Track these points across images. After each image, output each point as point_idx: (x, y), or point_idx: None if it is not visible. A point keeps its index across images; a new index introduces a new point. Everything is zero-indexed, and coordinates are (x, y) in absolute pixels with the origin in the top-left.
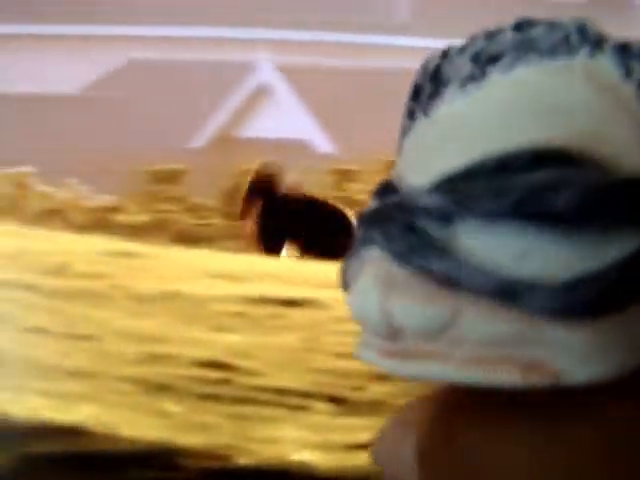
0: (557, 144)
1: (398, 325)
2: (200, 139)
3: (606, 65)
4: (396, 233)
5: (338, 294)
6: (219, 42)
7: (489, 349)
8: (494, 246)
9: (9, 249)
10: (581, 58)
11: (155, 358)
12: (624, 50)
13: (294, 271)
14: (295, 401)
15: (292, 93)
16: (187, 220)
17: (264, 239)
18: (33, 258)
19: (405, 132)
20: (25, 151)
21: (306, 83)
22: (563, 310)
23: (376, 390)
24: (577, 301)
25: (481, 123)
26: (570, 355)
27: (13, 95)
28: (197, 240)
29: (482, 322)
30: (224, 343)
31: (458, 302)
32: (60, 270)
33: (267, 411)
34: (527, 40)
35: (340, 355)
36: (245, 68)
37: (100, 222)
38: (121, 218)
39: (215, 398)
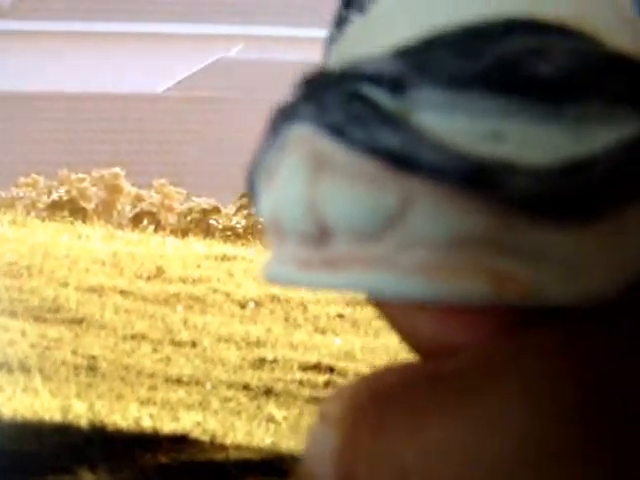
0: (537, 14)
1: (328, 220)
2: None
3: None
4: (334, 102)
5: None
6: (311, 42)
7: (448, 253)
8: (459, 122)
9: (103, 254)
10: None
11: (259, 363)
12: None
13: None
14: None
15: None
16: None
17: None
18: (128, 262)
19: (333, 41)
20: (113, 152)
21: None
22: (545, 202)
23: None
24: (564, 192)
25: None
26: (553, 267)
27: (97, 95)
28: None
29: (441, 216)
30: (328, 346)
31: (410, 189)
32: (157, 274)
33: None
34: None
35: None
36: None
37: (196, 225)
38: (219, 221)
39: (321, 401)
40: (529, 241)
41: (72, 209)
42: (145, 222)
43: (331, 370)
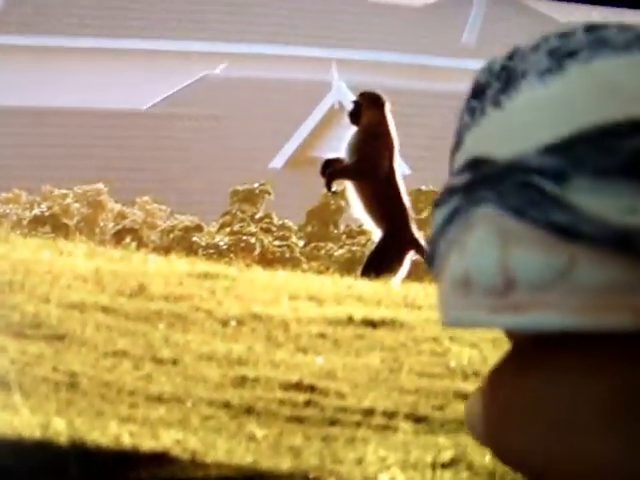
0: None
1: (514, 276)
2: (280, 159)
3: None
4: (511, 190)
5: (420, 314)
6: (294, 61)
7: (603, 296)
8: (605, 201)
9: (85, 270)
10: None
11: (240, 381)
12: None
13: (376, 292)
14: (380, 421)
15: None
16: (269, 241)
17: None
18: (110, 279)
19: (467, 128)
20: (97, 168)
21: None
22: None
23: (458, 408)
24: None
25: (574, 100)
26: None
27: (83, 111)
28: (279, 261)
29: (597, 269)
30: (309, 365)
31: (575, 251)
32: (139, 292)
33: (353, 432)
34: (601, 38)
35: (422, 374)
36: (321, 88)
37: (179, 242)
38: (201, 239)
39: (301, 420)
40: None
41: (54, 225)
42: (128, 239)
43: (312, 389)
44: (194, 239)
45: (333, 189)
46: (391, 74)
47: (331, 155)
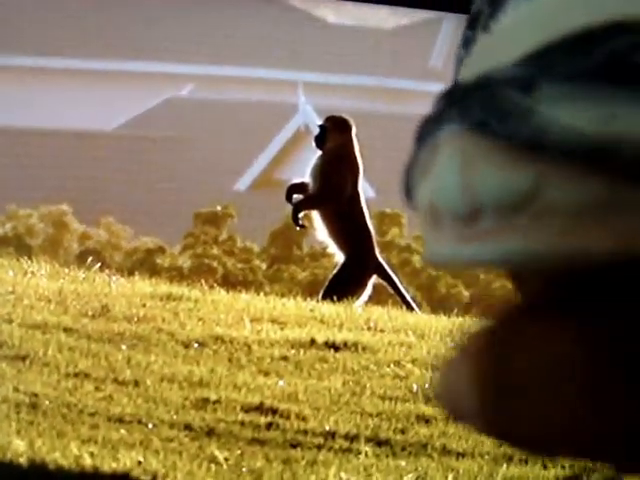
0: (634, 16)
1: (479, 199)
2: (244, 181)
3: None
4: (476, 105)
5: (382, 337)
6: (261, 83)
7: (578, 218)
8: (579, 110)
9: (48, 291)
10: None
11: (202, 403)
12: None
13: (339, 315)
14: (341, 444)
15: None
16: (232, 263)
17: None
18: (73, 300)
19: (461, 61)
20: (61, 189)
21: None
22: None
23: (421, 432)
24: None
25: (556, 6)
26: None
27: (48, 131)
28: (242, 284)
29: (570, 188)
30: (271, 387)
31: (543, 168)
32: (101, 313)
33: (314, 455)
34: None
35: (385, 397)
36: (287, 110)
37: (142, 264)
38: (164, 261)
39: (263, 443)
40: None
41: (18, 245)
42: (90, 259)
43: (273, 412)
44: (157, 261)
45: (300, 222)
46: (358, 97)
47: (296, 178)
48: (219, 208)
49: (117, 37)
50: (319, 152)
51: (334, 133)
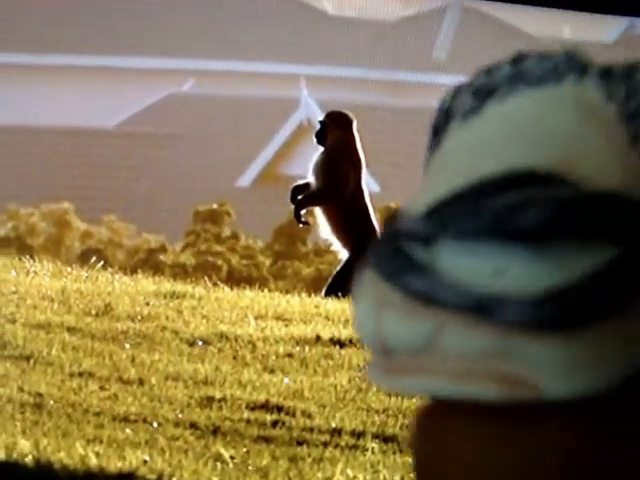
0: (533, 167)
1: (388, 342)
2: (247, 177)
3: (590, 89)
4: (386, 256)
5: None
6: (262, 78)
7: (472, 362)
8: (471, 265)
9: (51, 290)
10: (568, 84)
11: (207, 402)
12: (606, 74)
13: (343, 311)
14: (348, 441)
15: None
16: (236, 260)
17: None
18: (76, 299)
19: (425, 169)
20: (63, 187)
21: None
22: (533, 323)
23: None
24: (546, 314)
25: (468, 154)
26: (548, 369)
27: (47, 128)
28: (246, 281)
29: (462, 337)
30: (276, 385)
31: (439, 319)
32: (105, 312)
33: (321, 452)
34: (519, 72)
35: (389, 394)
36: (289, 104)
37: (145, 262)
38: (167, 258)
39: (269, 440)
40: (526, 351)
41: (19, 245)
42: (94, 259)
43: (279, 409)
44: (161, 258)
45: (303, 220)
46: (361, 90)
47: (300, 173)
48: (215, 206)
49: (116, 32)
50: (321, 148)
51: (335, 129)
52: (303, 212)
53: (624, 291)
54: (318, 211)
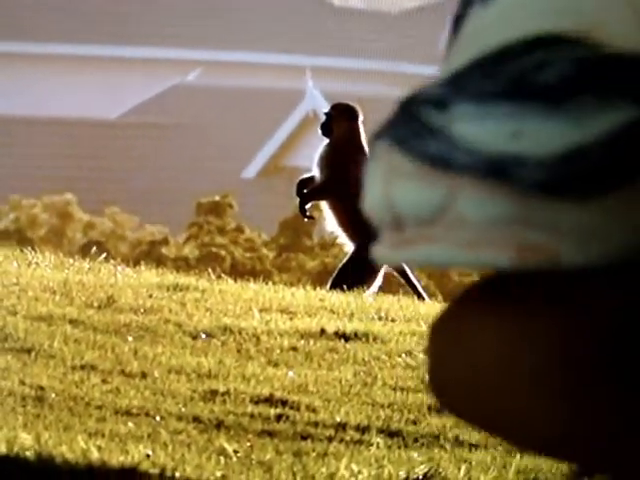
0: (554, 30)
1: (398, 211)
2: (252, 169)
3: None
4: (400, 122)
5: (393, 327)
6: (268, 69)
7: (486, 231)
8: (488, 127)
9: (53, 282)
10: None
11: (210, 395)
12: None
13: (349, 304)
14: (352, 435)
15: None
16: (239, 253)
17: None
18: (79, 291)
19: (444, 55)
20: (65, 179)
21: None
22: (554, 185)
23: (433, 423)
24: (568, 175)
25: (490, 23)
26: (568, 236)
27: (50, 119)
28: (250, 273)
29: (477, 203)
30: (281, 378)
31: (453, 184)
32: (107, 304)
33: (325, 446)
34: None
35: (396, 388)
36: (295, 96)
37: (147, 254)
38: (170, 250)
39: (272, 435)
40: (546, 217)
41: (21, 236)
42: (95, 249)
43: (283, 403)
44: (163, 250)
45: (307, 214)
46: (367, 81)
47: (305, 165)
48: (218, 198)
49: (120, 22)
50: (326, 140)
51: (340, 121)
52: (308, 206)
53: None
54: (324, 204)
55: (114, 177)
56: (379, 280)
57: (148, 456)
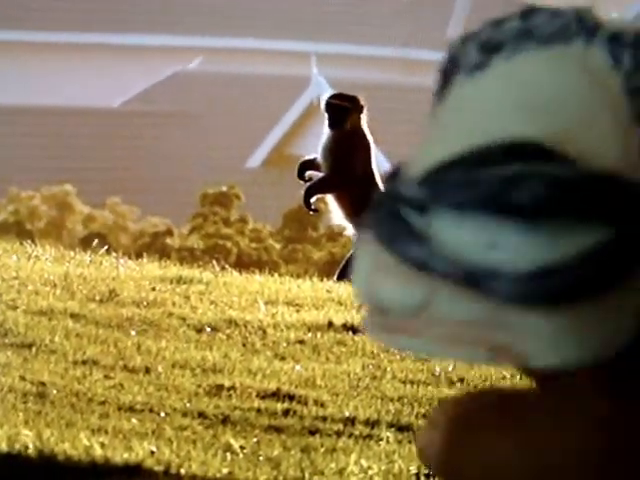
0: (533, 139)
1: (382, 303)
2: (257, 158)
3: (598, 54)
4: (384, 219)
5: None
6: (272, 55)
7: (461, 329)
8: (465, 236)
9: (54, 275)
10: (576, 46)
11: (215, 390)
12: (616, 39)
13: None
14: (361, 430)
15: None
16: (245, 244)
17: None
18: (80, 285)
19: (429, 120)
20: (64, 169)
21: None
22: (525, 297)
23: None
24: (539, 290)
25: (470, 115)
26: (535, 340)
27: (49, 108)
28: (256, 265)
29: (453, 305)
30: (288, 372)
31: (432, 286)
32: (109, 297)
33: (334, 441)
34: (528, 28)
35: (406, 381)
36: (299, 82)
37: (150, 245)
38: (175, 242)
39: (280, 430)
40: (513, 322)
41: (20, 229)
42: (96, 242)
43: (291, 398)
44: (167, 242)
45: (312, 207)
46: (373, 68)
47: (310, 154)
48: (224, 188)
49: (123, 10)
50: (329, 131)
51: (355, 114)
52: (313, 199)
53: (613, 272)
54: (329, 197)
55: (114, 167)
56: None
57: (153, 453)
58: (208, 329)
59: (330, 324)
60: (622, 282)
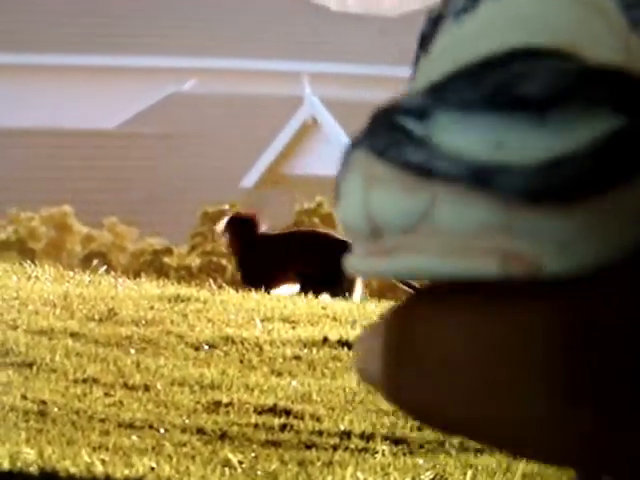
0: (534, 44)
1: (378, 220)
2: (251, 178)
3: None
4: (379, 132)
5: None
6: (265, 75)
7: (466, 239)
8: (471, 137)
9: (53, 295)
10: None
11: (214, 406)
12: None
13: (351, 311)
14: (357, 443)
15: (339, 127)
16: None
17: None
18: (79, 304)
19: (410, 79)
20: (62, 190)
21: (352, 117)
22: (538, 192)
23: None
24: (551, 183)
25: (468, 37)
26: (549, 244)
27: (46, 130)
28: None
29: (457, 211)
30: (284, 388)
31: (433, 192)
32: (108, 316)
33: (330, 455)
34: None
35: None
36: (292, 102)
37: (149, 265)
38: (172, 260)
39: (277, 445)
40: (529, 226)
41: (20, 249)
42: (96, 262)
43: (287, 413)
44: (165, 260)
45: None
46: (365, 86)
47: (304, 175)
48: (227, 207)
49: (117, 32)
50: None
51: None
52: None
53: (626, 163)
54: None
55: (112, 188)
56: (359, 284)
57: (153, 469)
58: (206, 346)
59: (325, 340)
60: (634, 175)
